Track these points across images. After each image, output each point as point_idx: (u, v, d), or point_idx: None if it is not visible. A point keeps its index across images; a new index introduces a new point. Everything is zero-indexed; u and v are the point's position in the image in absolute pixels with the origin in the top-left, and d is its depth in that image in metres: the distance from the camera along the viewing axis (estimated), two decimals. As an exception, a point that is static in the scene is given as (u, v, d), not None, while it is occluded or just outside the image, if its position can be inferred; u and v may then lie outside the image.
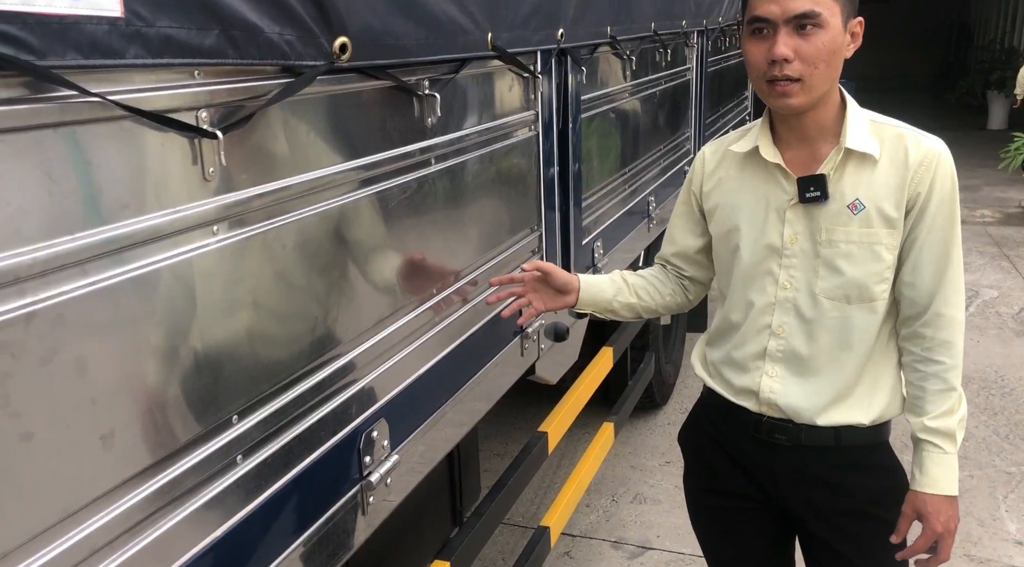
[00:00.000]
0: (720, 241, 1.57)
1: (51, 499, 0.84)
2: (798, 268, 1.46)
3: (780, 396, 1.49)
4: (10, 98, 0.77)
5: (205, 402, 1.04)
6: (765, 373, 1.51)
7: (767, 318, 1.50)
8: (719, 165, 1.57)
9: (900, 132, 1.42)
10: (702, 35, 3.87)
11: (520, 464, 2.17)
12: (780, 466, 1.54)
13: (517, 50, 1.83)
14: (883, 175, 1.40)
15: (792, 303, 1.47)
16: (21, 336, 0.79)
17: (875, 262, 1.41)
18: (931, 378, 1.45)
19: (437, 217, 1.60)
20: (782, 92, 1.34)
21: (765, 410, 1.52)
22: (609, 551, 3.04)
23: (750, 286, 1.51)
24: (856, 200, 1.40)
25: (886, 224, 1.40)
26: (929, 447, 1.45)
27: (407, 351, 1.50)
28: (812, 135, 1.43)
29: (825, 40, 1.31)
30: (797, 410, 1.49)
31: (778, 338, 1.49)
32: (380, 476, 1.40)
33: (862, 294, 1.43)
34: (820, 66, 1.32)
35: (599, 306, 1.66)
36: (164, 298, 0.97)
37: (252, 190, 1.09)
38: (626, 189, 2.90)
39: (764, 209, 1.48)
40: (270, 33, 1.07)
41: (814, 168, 1.42)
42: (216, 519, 1.07)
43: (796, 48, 1.31)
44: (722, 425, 1.61)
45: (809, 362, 1.48)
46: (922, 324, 1.44)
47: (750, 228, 1.49)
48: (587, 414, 2.83)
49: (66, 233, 0.83)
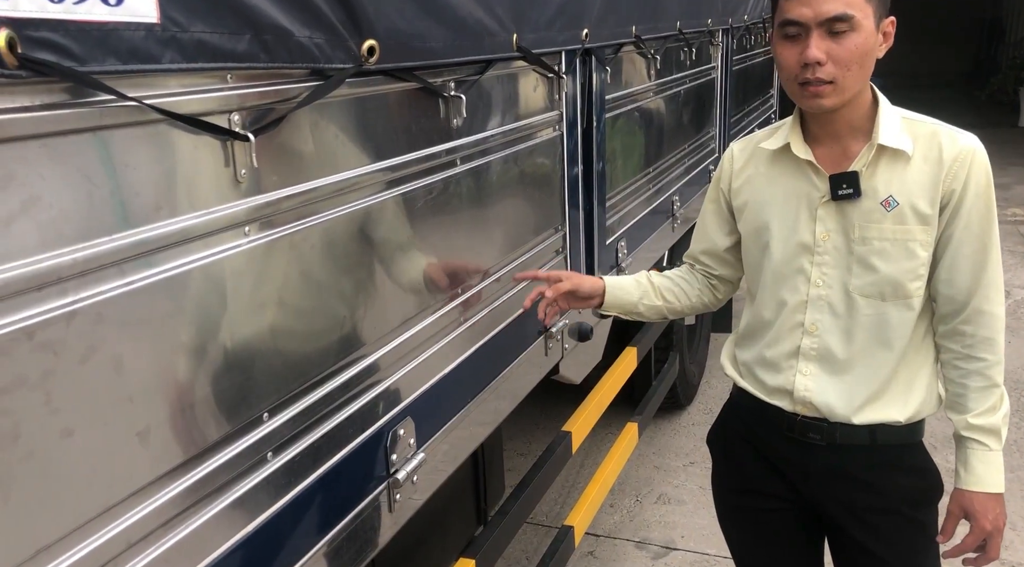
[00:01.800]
0: (750, 239, 1.56)
1: (90, 494, 0.86)
2: (831, 265, 1.45)
3: (815, 394, 1.48)
4: (53, 103, 0.79)
5: (236, 400, 1.06)
6: (799, 371, 1.50)
7: (799, 316, 1.49)
8: (748, 162, 1.56)
9: (934, 129, 1.40)
10: (727, 33, 3.85)
11: (544, 464, 2.17)
12: (814, 465, 1.52)
13: (542, 51, 1.84)
14: (916, 172, 1.39)
15: (825, 301, 1.46)
16: (62, 334, 0.82)
17: (909, 259, 1.40)
18: (973, 375, 1.43)
19: (462, 217, 1.61)
20: (815, 93, 1.34)
21: (799, 409, 1.51)
22: (633, 551, 3.03)
23: (782, 284, 1.50)
24: (889, 197, 1.39)
25: (920, 221, 1.39)
26: (974, 445, 1.43)
27: (433, 350, 1.51)
28: (843, 132, 1.42)
29: (858, 42, 1.30)
30: (832, 408, 1.47)
31: (811, 336, 1.48)
32: (407, 474, 1.42)
33: (897, 291, 1.42)
34: (853, 68, 1.32)
35: (624, 309, 1.67)
36: (197, 298, 0.99)
37: (283, 191, 1.11)
38: (650, 189, 2.89)
39: (795, 206, 1.47)
40: (300, 37, 1.09)
41: (845, 165, 1.42)
42: (247, 515, 1.09)
43: (828, 51, 1.30)
44: (755, 425, 1.60)
45: (844, 360, 1.47)
46: (962, 321, 1.42)
47: (781, 226, 1.49)
48: (611, 414, 2.83)
49: (104, 234, 0.86)
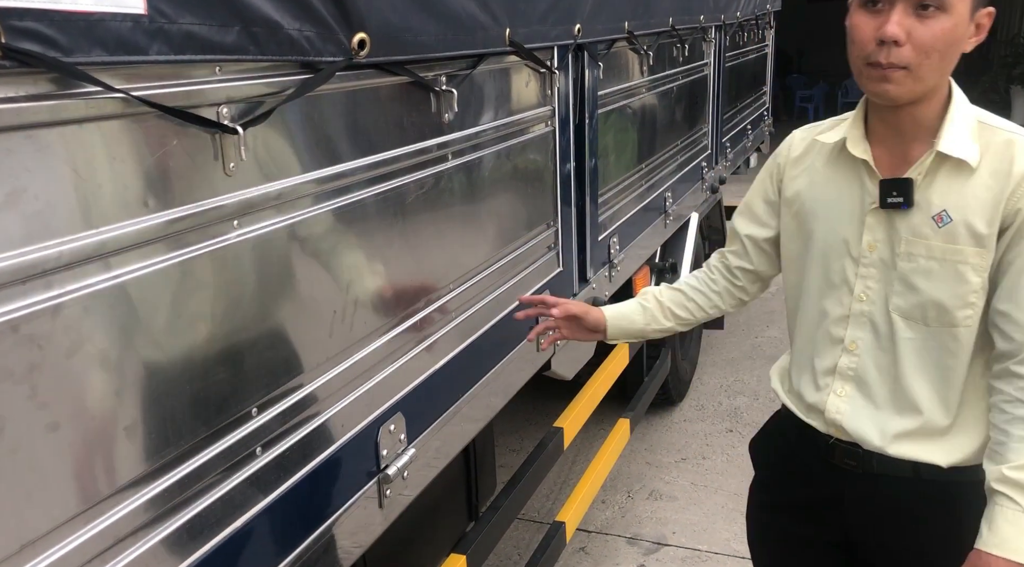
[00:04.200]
0: (792, 236, 1.43)
1: (77, 489, 0.86)
2: (875, 279, 1.31)
3: (846, 418, 1.35)
4: (38, 94, 0.78)
5: (225, 395, 1.05)
6: (833, 391, 1.37)
7: (840, 331, 1.35)
8: (806, 153, 1.41)
9: (1011, 137, 1.23)
10: (720, 30, 3.85)
11: (536, 459, 2.18)
12: (850, 493, 1.39)
13: (534, 46, 1.83)
14: (979, 186, 1.22)
15: (867, 318, 1.32)
16: (48, 328, 0.81)
17: (958, 283, 1.24)
18: (1018, 422, 1.23)
19: (454, 212, 1.60)
20: (883, 77, 1.17)
21: (833, 432, 1.38)
22: (624, 547, 3.04)
23: (825, 293, 1.36)
24: (943, 212, 1.23)
25: (974, 242, 1.22)
26: (1003, 500, 1.22)
27: (424, 346, 1.51)
28: (907, 133, 1.26)
29: (946, 27, 1.13)
30: (864, 436, 1.34)
31: (850, 355, 1.35)
32: (397, 470, 1.41)
33: (941, 317, 1.26)
34: (933, 57, 1.15)
35: (631, 336, 1.59)
36: (185, 291, 0.98)
37: (272, 185, 1.11)
38: (643, 185, 2.89)
39: (845, 210, 1.33)
40: (290, 29, 1.08)
41: (903, 170, 1.26)
42: (236, 510, 1.08)
43: (911, 31, 1.14)
44: (795, 443, 1.47)
45: (882, 386, 1.33)
46: (1018, 362, 1.23)
47: (827, 229, 1.35)
48: (603, 410, 2.83)
49: (91, 227, 0.85)
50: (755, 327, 5.03)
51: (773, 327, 4.99)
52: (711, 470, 3.51)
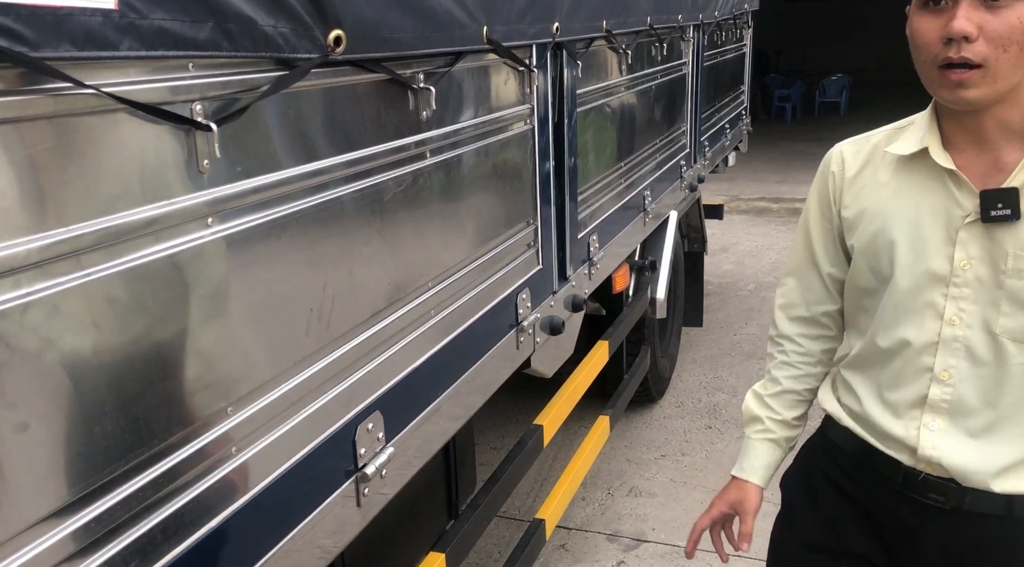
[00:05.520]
0: (862, 258, 1.29)
1: (48, 489, 0.85)
2: (971, 300, 1.19)
3: (946, 455, 1.22)
4: (4, 90, 0.77)
5: (199, 393, 1.04)
6: (924, 425, 1.24)
7: (928, 359, 1.23)
8: (864, 168, 1.30)
9: None
10: (698, 29, 3.87)
11: (515, 457, 2.18)
12: (931, 531, 1.26)
13: (512, 44, 1.83)
14: None
15: (963, 343, 1.20)
16: (16, 327, 0.80)
17: None
18: None
19: (432, 210, 1.60)
20: (958, 81, 1.07)
21: (923, 467, 1.25)
22: (604, 544, 3.05)
23: (903, 319, 1.24)
24: None
25: None
26: None
27: (403, 343, 1.50)
28: (993, 138, 1.15)
29: (1022, 16, 1.04)
30: (966, 472, 1.21)
31: (943, 385, 1.22)
32: (375, 468, 1.41)
33: None
34: (1011, 50, 1.05)
35: (783, 458, 1.49)
36: (158, 290, 0.97)
37: (246, 182, 1.10)
38: (622, 183, 2.90)
39: (929, 225, 1.21)
40: (264, 26, 1.07)
41: (997, 179, 1.15)
42: (212, 510, 1.07)
43: (982, 24, 1.05)
44: (855, 473, 1.34)
45: (985, 415, 1.21)
46: None
47: (908, 247, 1.22)
48: (583, 407, 2.84)
49: (61, 225, 0.84)
50: (734, 324, 5.07)
51: (752, 324, 5.03)
52: (690, 467, 3.53)
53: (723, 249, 6.65)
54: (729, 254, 6.56)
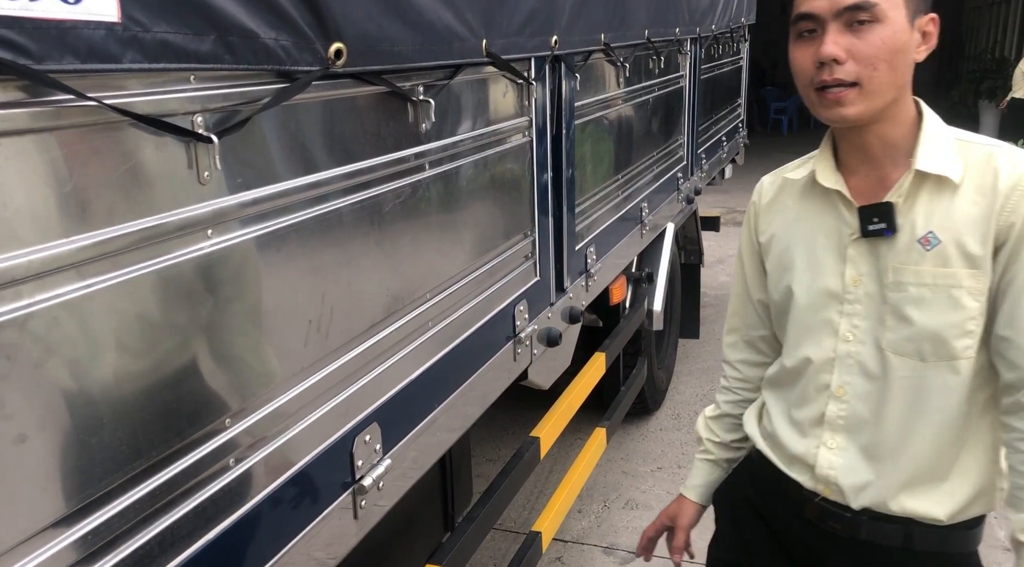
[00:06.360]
0: (772, 281, 1.35)
1: (46, 500, 0.84)
2: (862, 316, 1.21)
3: (841, 473, 1.24)
4: (8, 102, 0.78)
5: (198, 406, 1.04)
6: (823, 443, 1.26)
7: (826, 376, 1.25)
8: (777, 196, 1.35)
9: (990, 151, 1.16)
10: (695, 42, 3.90)
11: (512, 469, 2.17)
12: (834, 561, 1.28)
13: (511, 56, 1.84)
14: (966, 203, 1.14)
15: (855, 359, 1.23)
16: (17, 338, 0.80)
17: (954, 310, 1.15)
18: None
19: (431, 222, 1.61)
20: (835, 99, 1.12)
21: (821, 489, 1.27)
22: (600, 557, 3.04)
23: (805, 338, 1.28)
24: (929, 233, 1.15)
25: (967, 263, 1.14)
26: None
27: (400, 355, 1.50)
28: (879, 157, 1.19)
29: (884, 36, 1.10)
30: (858, 492, 1.23)
31: (839, 402, 1.24)
32: (372, 480, 1.40)
33: (938, 350, 1.16)
34: (880, 67, 1.11)
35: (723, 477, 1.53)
36: (159, 301, 0.97)
37: (247, 194, 1.10)
38: (619, 195, 2.91)
39: (824, 246, 1.25)
40: (266, 38, 1.08)
41: (881, 196, 1.19)
42: (208, 523, 1.07)
43: (849, 47, 1.10)
44: (768, 496, 1.36)
45: (876, 432, 1.22)
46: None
47: (805, 268, 1.27)
48: (579, 419, 2.84)
49: (62, 236, 0.84)
50: (730, 336, 5.07)
51: (748, 336, 5.03)
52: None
53: (719, 261, 6.67)
54: (725, 266, 6.57)
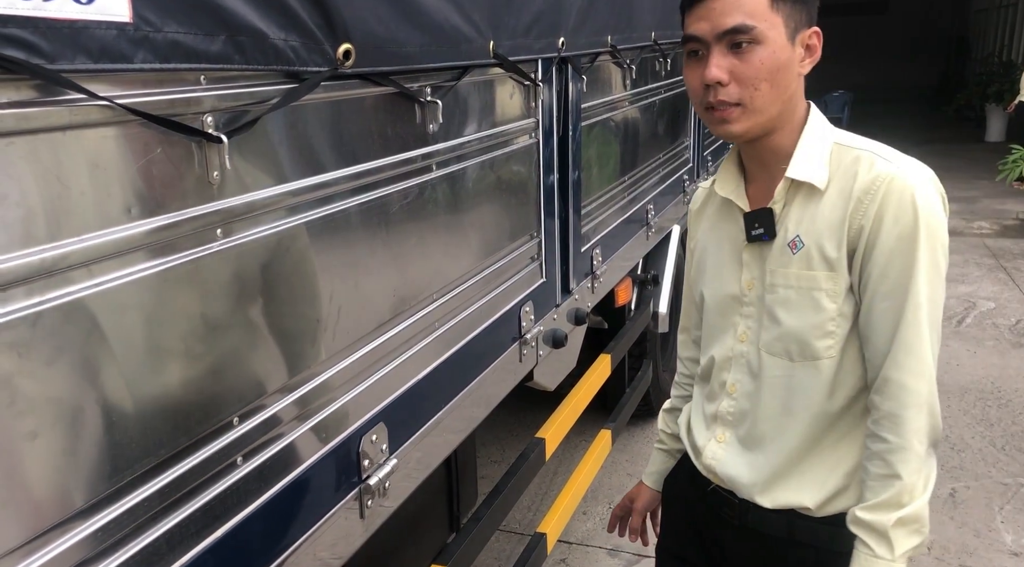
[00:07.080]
0: (694, 286, 1.43)
1: (56, 498, 0.85)
2: (754, 318, 1.28)
3: (720, 465, 1.33)
4: (21, 101, 0.78)
5: (206, 404, 1.05)
6: (714, 437, 1.36)
7: (725, 375, 1.33)
8: (704, 204, 1.43)
9: (859, 154, 1.19)
10: (702, 45, 3.89)
11: (517, 470, 2.17)
12: (733, 547, 1.36)
13: (518, 58, 1.85)
14: (827, 207, 1.18)
15: (745, 359, 1.30)
16: (28, 336, 0.80)
17: (815, 311, 1.20)
18: (873, 459, 1.18)
19: (438, 222, 1.61)
20: (721, 118, 1.17)
21: (712, 478, 1.37)
22: (605, 559, 3.04)
23: (713, 339, 1.36)
24: (796, 237, 1.21)
25: (826, 266, 1.18)
26: (858, 544, 1.17)
27: (406, 356, 1.51)
28: (770, 164, 1.24)
29: (764, 57, 1.13)
30: (735, 483, 1.32)
31: (730, 398, 1.33)
32: (378, 480, 1.41)
33: (803, 350, 1.22)
34: (762, 87, 1.15)
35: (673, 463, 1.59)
36: (168, 300, 0.98)
37: (256, 194, 1.10)
38: (625, 197, 2.91)
39: (727, 252, 1.32)
40: (275, 39, 1.08)
41: (767, 203, 1.25)
42: (216, 521, 1.07)
43: (732, 69, 1.14)
44: (688, 484, 1.45)
45: (754, 428, 1.30)
46: (874, 390, 1.19)
47: (714, 274, 1.35)
48: (584, 421, 2.84)
49: (73, 235, 0.84)
50: (736, 339, 5.06)
51: (753, 339, 5.02)
52: (692, 481, 3.52)
53: (725, 263, 6.65)
54: (731, 268, 6.55)
